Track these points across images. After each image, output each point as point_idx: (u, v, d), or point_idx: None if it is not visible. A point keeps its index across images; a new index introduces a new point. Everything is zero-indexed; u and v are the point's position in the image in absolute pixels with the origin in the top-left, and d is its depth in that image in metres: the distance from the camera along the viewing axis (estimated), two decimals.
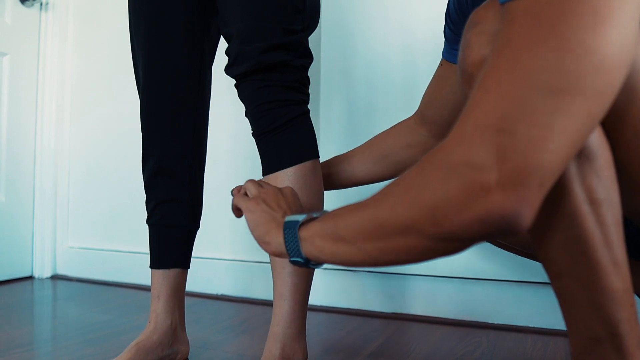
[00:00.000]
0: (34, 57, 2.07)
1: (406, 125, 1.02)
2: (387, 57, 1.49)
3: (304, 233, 0.57)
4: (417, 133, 1.00)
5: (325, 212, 0.59)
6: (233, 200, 0.73)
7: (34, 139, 2.08)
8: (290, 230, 0.59)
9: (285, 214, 0.64)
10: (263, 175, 0.92)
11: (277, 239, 0.61)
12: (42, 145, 2.08)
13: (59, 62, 2.11)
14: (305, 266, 0.59)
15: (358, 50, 1.53)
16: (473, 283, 1.38)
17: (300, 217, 0.59)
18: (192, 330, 1.26)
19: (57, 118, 2.10)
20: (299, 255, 0.58)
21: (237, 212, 0.72)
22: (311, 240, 0.56)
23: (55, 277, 2.07)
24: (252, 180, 0.74)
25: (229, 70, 0.90)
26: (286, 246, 0.59)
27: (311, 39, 0.96)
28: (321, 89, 1.55)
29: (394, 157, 1.00)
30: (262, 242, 0.63)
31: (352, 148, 1.06)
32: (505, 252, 1.33)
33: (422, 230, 0.45)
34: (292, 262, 0.59)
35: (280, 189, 0.71)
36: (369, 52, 1.51)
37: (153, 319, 1.01)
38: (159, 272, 1.02)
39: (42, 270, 2.07)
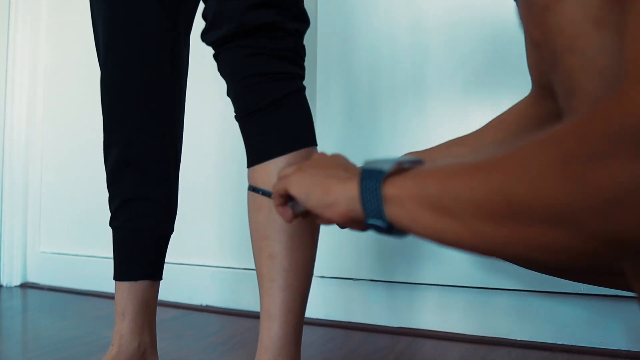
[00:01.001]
0: (2, 46, 1.95)
1: (528, 102, 0.82)
2: (392, 35, 1.33)
3: (390, 190, 0.41)
4: (544, 106, 0.78)
5: (420, 161, 0.42)
6: (275, 194, 0.56)
7: (2, 134, 1.96)
8: (371, 182, 0.42)
9: (347, 170, 0.48)
10: (248, 167, 0.76)
11: (347, 192, 0.44)
12: (12, 140, 1.95)
13: (31, 51, 1.97)
14: (387, 233, 0.42)
15: (360, 25, 1.37)
16: (492, 294, 1.22)
17: (386, 165, 0.42)
18: (171, 349, 1.12)
19: (29, 111, 1.98)
20: (381, 216, 0.41)
21: (284, 210, 0.56)
22: (400, 202, 0.40)
23: (25, 285, 1.94)
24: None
25: (205, 35, 0.74)
26: (363, 202, 0.42)
27: (307, 11, 0.79)
28: (317, 69, 1.39)
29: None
30: (325, 207, 0.46)
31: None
32: None
33: (581, 223, 0.29)
34: (368, 226, 0.43)
35: (322, 153, 0.54)
36: (371, 27, 1.36)
37: (117, 340, 0.84)
38: (124, 285, 0.85)
39: (11, 277, 1.94)
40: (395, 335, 1.26)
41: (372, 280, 1.34)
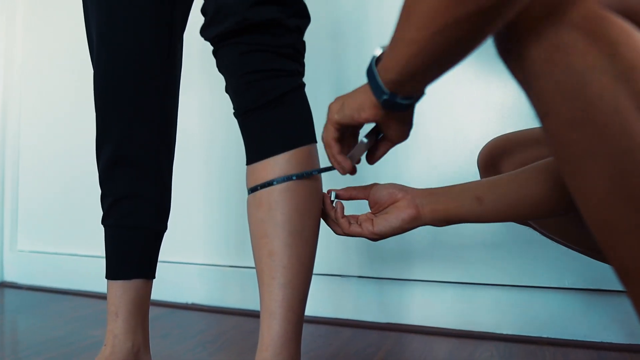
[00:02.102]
0: None
1: None
2: (382, 31, 1.33)
3: (379, 66, 0.54)
4: None
5: None
6: (326, 139, 0.65)
7: None
8: (370, 72, 0.55)
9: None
10: (247, 164, 0.75)
11: (365, 90, 0.57)
12: None
13: (7, 42, 1.92)
14: (393, 102, 0.54)
15: (350, 21, 1.37)
16: (479, 289, 1.24)
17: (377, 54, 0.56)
18: (159, 348, 1.10)
19: (4, 104, 1.92)
20: (382, 90, 0.54)
21: (343, 159, 0.65)
22: (387, 62, 0.52)
23: (2, 285, 1.88)
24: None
25: (205, 31, 0.73)
26: (372, 91, 0.55)
27: None
28: (306, 65, 1.38)
29: None
30: (357, 110, 0.59)
31: None
32: (513, 253, 1.20)
33: None
34: (384, 105, 0.56)
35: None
36: (361, 24, 1.36)
37: (110, 340, 0.83)
38: (118, 284, 0.83)
39: None
40: (384, 331, 1.26)
41: (360, 277, 1.35)
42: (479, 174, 0.86)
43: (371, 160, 0.68)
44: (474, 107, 1.25)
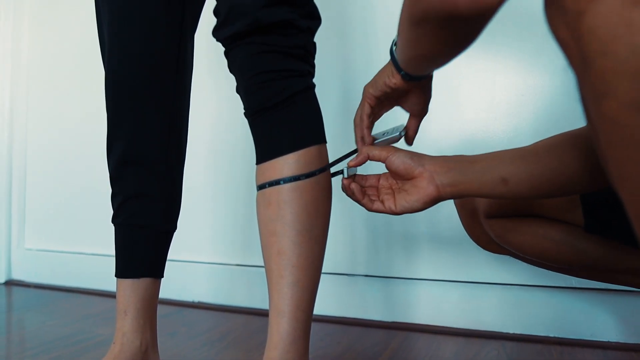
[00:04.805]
0: None
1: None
2: (389, 30, 1.33)
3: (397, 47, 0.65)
4: None
5: None
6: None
7: None
8: (391, 51, 0.67)
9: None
10: (257, 164, 0.75)
11: (390, 64, 0.68)
12: None
13: (14, 39, 1.93)
14: (410, 76, 0.66)
15: (357, 20, 1.37)
16: (486, 288, 1.24)
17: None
18: (166, 347, 1.11)
19: (12, 102, 1.93)
20: (399, 68, 0.65)
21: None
22: (397, 44, 0.63)
23: (9, 283, 1.90)
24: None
25: (217, 32, 0.73)
26: (394, 67, 0.67)
27: None
28: None
29: None
30: (389, 77, 0.69)
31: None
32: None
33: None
34: (404, 78, 0.66)
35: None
36: (368, 23, 1.35)
37: (119, 339, 0.83)
38: (127, 282, 0.84)
39: None
40: (391, 330, 1.27)
41: (367, 276, 1.35)
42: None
43: (409, 140, 0.78)
44: (479, 106, 1.25)
